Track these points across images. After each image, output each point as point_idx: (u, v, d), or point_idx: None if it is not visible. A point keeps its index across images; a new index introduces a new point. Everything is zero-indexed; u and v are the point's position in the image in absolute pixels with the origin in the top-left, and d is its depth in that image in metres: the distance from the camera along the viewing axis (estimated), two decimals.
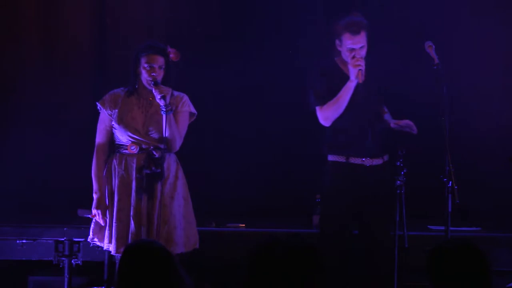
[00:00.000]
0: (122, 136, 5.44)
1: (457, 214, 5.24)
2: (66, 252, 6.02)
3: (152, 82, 5.34)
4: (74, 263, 6.02)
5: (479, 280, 3.11)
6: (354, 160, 5.54)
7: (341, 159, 5.55)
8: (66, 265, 6.00)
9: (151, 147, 5.38)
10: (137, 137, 5.40)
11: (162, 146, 5.37)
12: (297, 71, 7.14)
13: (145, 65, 5.38)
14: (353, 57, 5.43)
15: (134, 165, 5.38)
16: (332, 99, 5.49)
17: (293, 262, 2.83)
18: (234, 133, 7.22)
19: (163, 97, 5.27)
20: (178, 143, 5.41)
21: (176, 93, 5.48)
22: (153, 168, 5.34)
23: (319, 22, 7.19)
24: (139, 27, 7.50)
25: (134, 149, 5.39)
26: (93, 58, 7.60)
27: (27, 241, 6.31)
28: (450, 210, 5.19)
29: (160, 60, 5.38)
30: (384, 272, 5.48)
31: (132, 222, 5.33)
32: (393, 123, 5.52)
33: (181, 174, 5.48)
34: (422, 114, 6.18)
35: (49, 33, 7.53)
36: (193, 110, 5.52)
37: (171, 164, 5.43)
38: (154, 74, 5.35)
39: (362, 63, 5.41)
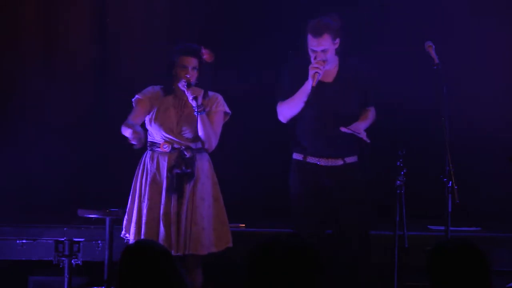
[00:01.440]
0: (156, 134, 5.51)
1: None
2: (66, 252, 6.03)
3: (186, 84, 5.39)
4: (74, 263, 6.02)
5: (479, 280, 3.11)
6: (311, 159, 5.54)
7: (299, 157, 5.57)
8: (66, 265, 6.00)
9: (183, 147, 5.44)
10: (170, 136, 5.47)
11: (194, 146, 5.45)
12: None
13: (179, 67, 5.46)
14: (315, 58, 5.42)
15: (166, 164, 5.44)
16: (291, 97, 5.49)
17: (293, 262, 2.83)
18: (234, 133, 7.21)
19: (195, 98, 5.35)
20: (214, 143, 5.50)
21: (211, 93, 5.57)
22: (184, 168, 5.41)
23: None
24: (139, 27, 7.50)
25: (166, 148, 5.46)
26: (94, 59, 7.59)
27: (27, 241, 6.31)
28: (450, 210, 5.19)
29: (193, 61, 5.46)
30: (351, 272, 5.48)
31: (161, 221, 5.38)
32: (344, 127, 5.44)
33: (212, 174, 5.56)
34: (422, 114, 6.19)
35: (49, 34, 7.53)
36: (227, 110, 5.61)
37: (204, 164, 5.51)
38: (187, 76, 5.42)
39: (320, 66, 5.37)
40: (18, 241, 6.31)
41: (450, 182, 5.17)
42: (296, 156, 5.60)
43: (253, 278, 2.85)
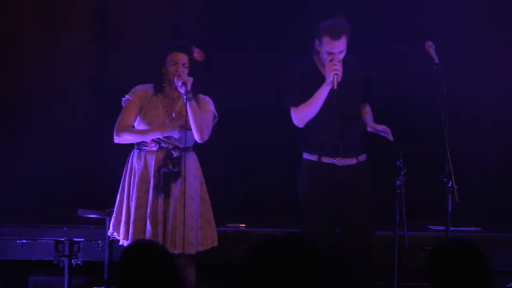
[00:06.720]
0: None
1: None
2: (66, 252, 6.03)
3: (177, 77, 5.37)
4: (74, 263, 6.02)
5: (479, 280, 3.11)
6: (326, 160, 5.54)
7: (313, 157, 5.57)
8: (66, 265, 6.00)
9: (170, 146, 5.43)
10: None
11: (181, 145, 5.44)
12: None
13: (170, 63, 5.46)
14: (331, 60, 5.41)
15: (153, 163, 5.44)
16: (306, 101, 5.48)
17: (293, 262, 2.83)
18: (234, 133, 7.22)
19: (184, 84, 5.32)
20: (206, 133, 5.46)
21: (200, 95, 5.55)
22: (171, 167, 5.41)
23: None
24: (139, 27, 7.49)
25: (153, 147, 5.46)
26: (94, 58, 7.59)
27: (27, 241, 6.31)
28: (450, 210, 5.19)
29: (184, 58, 5.46)
30: (358, 272, 5.48)
31: (148, 220, 5.39)
32: (370, 126, 5.48)
33: (199, 173, 5.55)
34: (422, 114, 6.18)
35: (49, 34, 7.52)
36: (216, 112, 5.58)
37: (191, 164, 5.50)
38: (178, 70, 5.41)
39: (339, 67, 5.38)
40: (18, 241, 6.31)
41: (450, 182, 5.17)
42: (309, 156, 5.59)
43: (253, 277, 2.85)
